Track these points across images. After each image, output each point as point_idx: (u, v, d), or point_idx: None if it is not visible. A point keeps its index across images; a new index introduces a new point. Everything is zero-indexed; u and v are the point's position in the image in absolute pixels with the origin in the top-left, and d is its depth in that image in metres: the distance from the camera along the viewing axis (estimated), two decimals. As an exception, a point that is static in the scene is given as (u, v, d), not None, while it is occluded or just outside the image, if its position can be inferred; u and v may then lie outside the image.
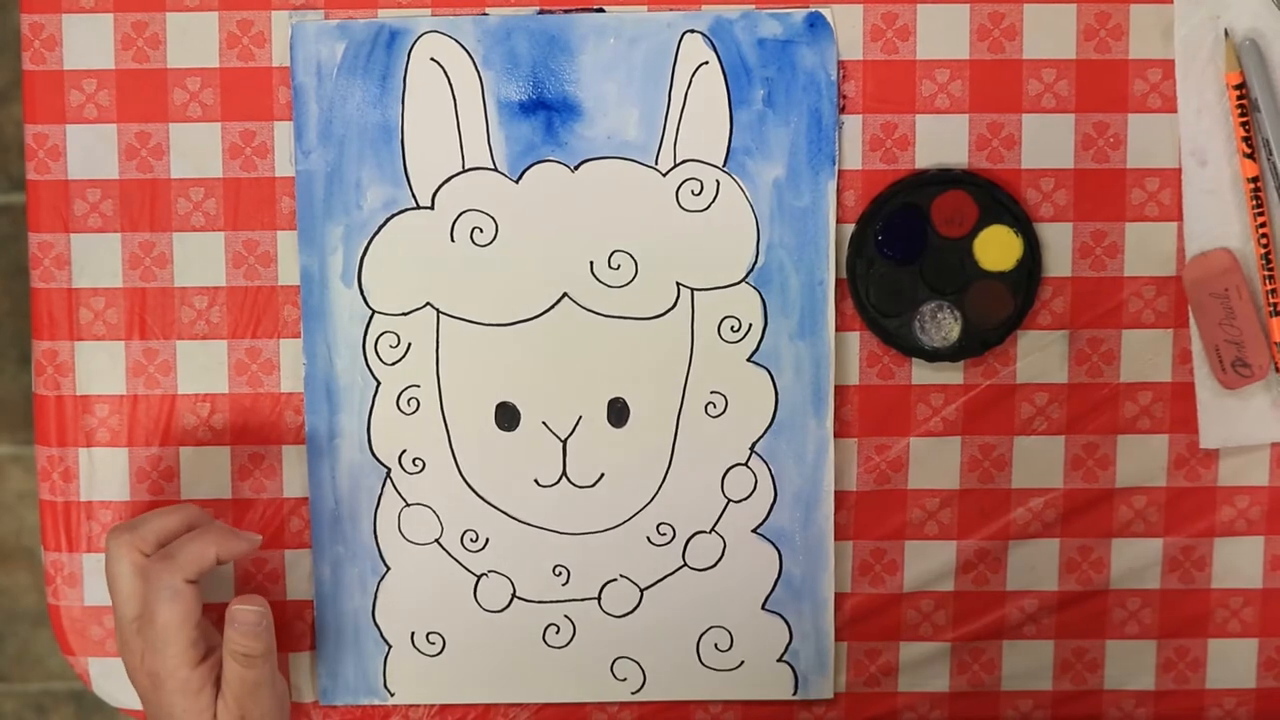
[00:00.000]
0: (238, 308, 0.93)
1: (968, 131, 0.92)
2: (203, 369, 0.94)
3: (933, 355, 0.93)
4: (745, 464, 0.94)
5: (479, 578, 0.95)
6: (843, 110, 0.92)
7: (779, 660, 0.95)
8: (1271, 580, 0.95)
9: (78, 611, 0.95)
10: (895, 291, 0.92)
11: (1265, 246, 0.91)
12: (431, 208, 0.92)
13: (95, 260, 0.93)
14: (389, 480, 0.94)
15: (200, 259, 0.93)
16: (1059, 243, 0.92)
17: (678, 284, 0.93)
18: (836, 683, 0.96)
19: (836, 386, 0.93)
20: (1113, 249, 0.93)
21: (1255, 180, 0.91)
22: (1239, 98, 0.90)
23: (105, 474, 0.94)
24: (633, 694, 0.96)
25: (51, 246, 0.93)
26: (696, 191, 0.92)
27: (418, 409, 0.93)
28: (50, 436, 0.94)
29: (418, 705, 0.96)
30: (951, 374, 0.94)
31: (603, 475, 0.94)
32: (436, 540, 0.95)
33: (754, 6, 0.91)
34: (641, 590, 0.95)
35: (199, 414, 0.94)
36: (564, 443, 0.94)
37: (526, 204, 0.92)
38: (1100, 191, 0.92)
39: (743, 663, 0.95)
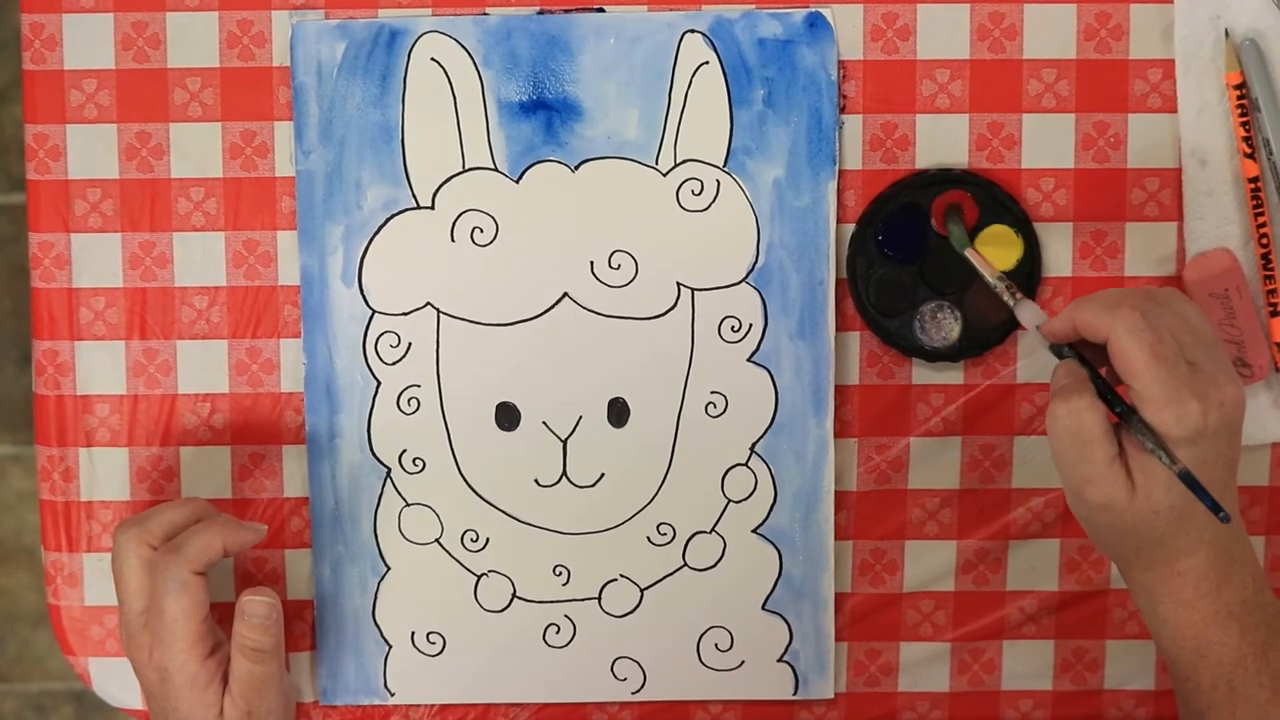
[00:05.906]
0: (238, 307, 0.93)
1: (968, 131, 0.92)
2: (203, 369, 0.94)
3: (933, 355, 0.93)
4: (745, 464, 0.94)
5: (479, 577, 0.95)
6: (843, 110, 0.92)
7: (779, 660, 0.95)
8: (1272, 580, 0.95)
9: (78, 611, 0.95)
10: (895, 291, 0.92)
11: (1265, 247, 0.91)
12: (432, 208, 0.92)
13: (95, 260, 0.93)
14: (389, 480, 0.94)
15: (200, 259, 0.93)
16: (1059, 243, 0.93)
17: (678, 284, 0.93)
18: (837, 683, 0.96)
19: (836, 386, 0.93)
20: (1113, 249, 0.93)
21: (1255, 180, 0.91)
22: (1239, 98, 0.90)
23: (105, 474, 0.94)
24: (633, 694, 0.96)
25: (52, 246, 0.93)
26: (697, 191, 0.92)
27: (418, 409, 0.93)
28: (50, 436, 0.94)
29: (418, 705, 0.96)
30: (951, 374, 0.94)
31: (603, 475, 0.94)
32: (437, 540, 0.95)
33: (754, 6, 0.91)
34: (642, 590, 0.95)
35: (199, 414, 0.94)
36: (564, 443, 0.93)
37: (527, 204, 0.92)
38: (1100, 191, 0.92)
39: (743, 663, 0.95)
